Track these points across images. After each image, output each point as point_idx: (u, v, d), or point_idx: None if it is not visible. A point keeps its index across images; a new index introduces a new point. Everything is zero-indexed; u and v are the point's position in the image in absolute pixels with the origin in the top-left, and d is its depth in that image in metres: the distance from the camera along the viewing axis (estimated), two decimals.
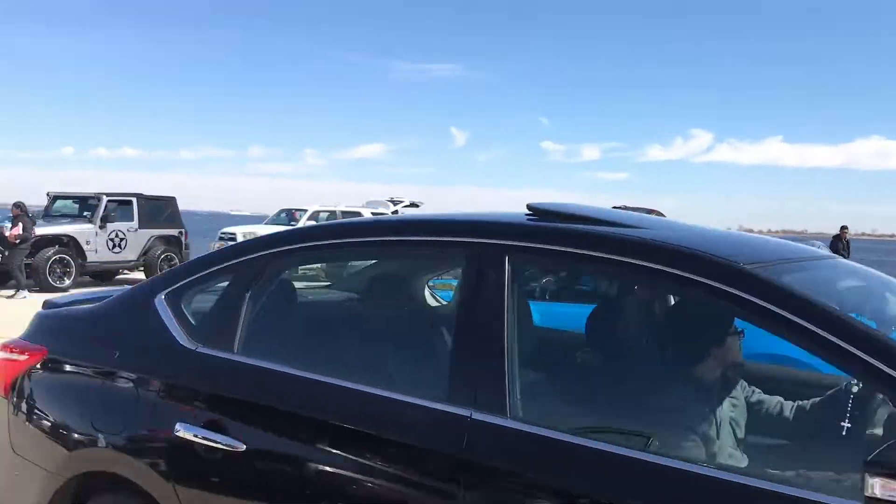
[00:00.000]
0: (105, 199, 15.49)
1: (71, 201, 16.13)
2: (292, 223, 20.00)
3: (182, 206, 17.57)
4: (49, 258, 14.15)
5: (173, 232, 16.79)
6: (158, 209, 16.61)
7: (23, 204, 13.96)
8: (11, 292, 13.47)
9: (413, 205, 24.08)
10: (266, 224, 20.29)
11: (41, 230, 14.23)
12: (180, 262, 16.81)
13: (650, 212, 18.90)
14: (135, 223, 15.89)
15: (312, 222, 20.38)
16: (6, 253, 13.54)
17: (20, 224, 13.43)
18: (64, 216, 15.71)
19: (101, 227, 15.26)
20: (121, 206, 15.89)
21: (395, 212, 23.12)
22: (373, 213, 21.78)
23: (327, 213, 21.83)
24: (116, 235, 15.54)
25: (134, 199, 16.07)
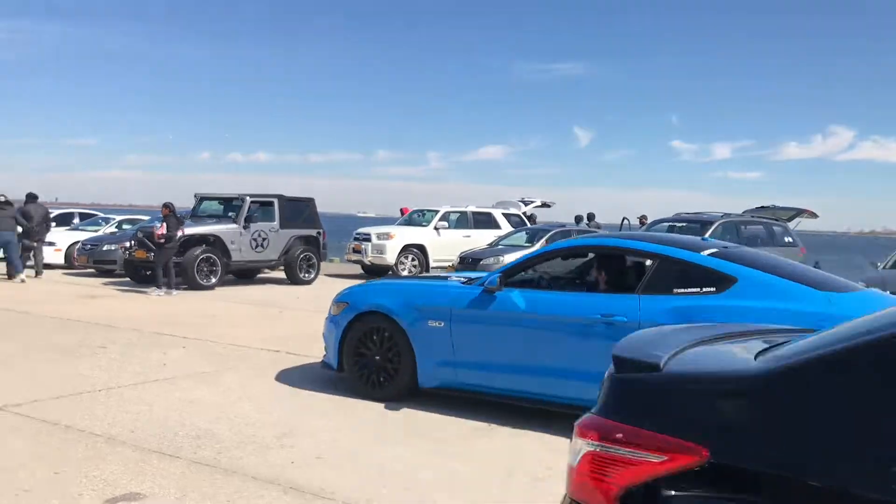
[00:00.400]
0: (248, 200, 16.00)
1: (216, 202, 16.79)
2: (423, 224, 20.07)
3: None
4: (197, 257, 14.74)
5: (312, 232, 17.17)
6: (298, 210, 17.03)
7: (171, 205, 14.60)
8: (163, 290, 14.11)
9: (545, 205, 23.67)
10: (398, 225, 20.44)
11: (190, 230, 14.85)
12: (318, 262, 17.26)
13: (802, 212, 17.77)
14: (276, 223, 16.34)
15: (444, 223, 20.38)
16: (155, 252, 14.23)
17: (164, 224, 14.07)
18: (210, 216, 16.35)
19: (244, 228, 15.77)
20: (263, 207, 16.38)
21: (526, 212, 22.80)
22: (503, 214, 21.58)
23: (458, 214, 21.79)
24: (259, 235, 16.04)
25: (275, 201, 16.54)
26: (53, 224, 20.39)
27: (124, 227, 20.26)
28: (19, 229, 15.64)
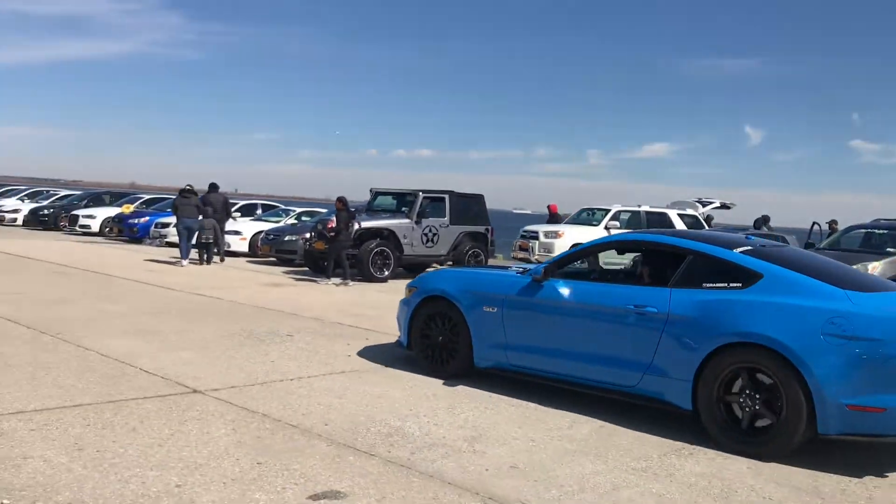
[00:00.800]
0: (421, 195, 16.16)
1: (390, 197, 17.09)
2: (593, 223, 19.54)
3: None
4: (372, 250, 15.05)
5: (480, 229, 17.13)
6: (467, 206, 17.03)
7: (345, 199, 15.00)
8: (338, 280, 14.52)
9: (724, 206, 22.42)
10: (566, 224, 20.02)
11: (366, 224, 15.19)
12: (486, 259, 17.19)
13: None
14: (446, 219, 16.42)
15: (615, 223, 19.73)
16: (327, 243, 14.66)
17: (334, 218, 14.46)
18: (384, 211, 16.67)
19: (416, 223, 15.95)
20: (434, 202, 16.49)
21: (703, 214, 21.68)
22: (678, 214, 20.63)
23: (629, 214, 21.08)
24: (430, 230, 16.16)
25: (446, 197, 16.61)
26: (237, 214, 21.68)
27: (303, 218, 21.12)
28: (200, 217, 16.73)
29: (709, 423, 5.31)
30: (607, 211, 20.57)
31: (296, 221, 20.64)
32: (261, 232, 19.57)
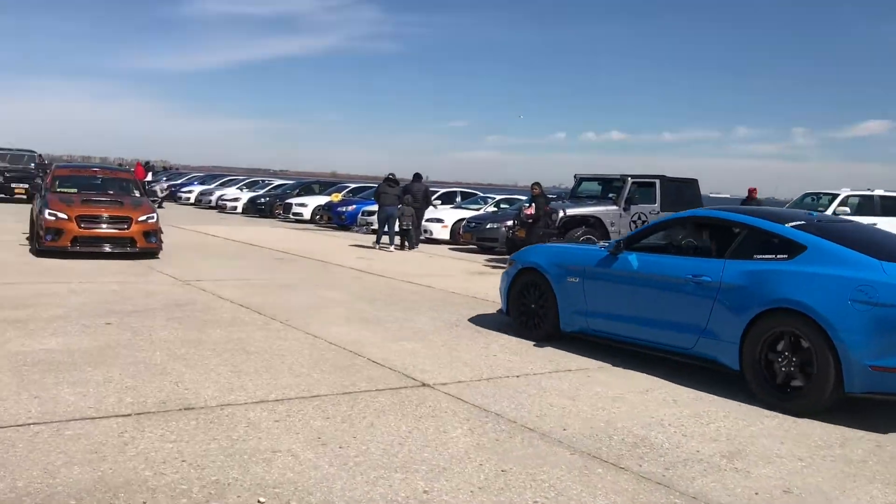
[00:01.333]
0: (630, 181, 15.43)
1: (596, 183, 16.49)
2: (818, 208, 17.84)
3: None
4: (577, 238, 14.56)
5: None
6: (680, 192, 16.05)
7: (540, 185, 14.62)
8: None
9: None
10: (789, 208, 18.42)
11: (571, 211, 14.72)
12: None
13: None
14: (657, 205, 15.55)
15: (844, 208, 17.94)
16: (525, 230, 14.32)
17: (534, 205, 14.07)
18: (589, 198, 16.11)
19: (625, 210, 15.25)
20: (643, 188, 15.69)
21: None
22: None
23: (859, 198, 19.12)
24: (639, 218, 15.39)
25: (657, 182, 15.75)
26: (438, 202, 21.96)
27: (502, 206, 21.00)
28: (400, 206, 17.19)
29: (752, 381, 5.82)
30: (834, 196, 18.77)
31: (496, 209, 20.55)
32: (462, 220, 19.65)
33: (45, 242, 12.15)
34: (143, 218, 12.78)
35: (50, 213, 12.26)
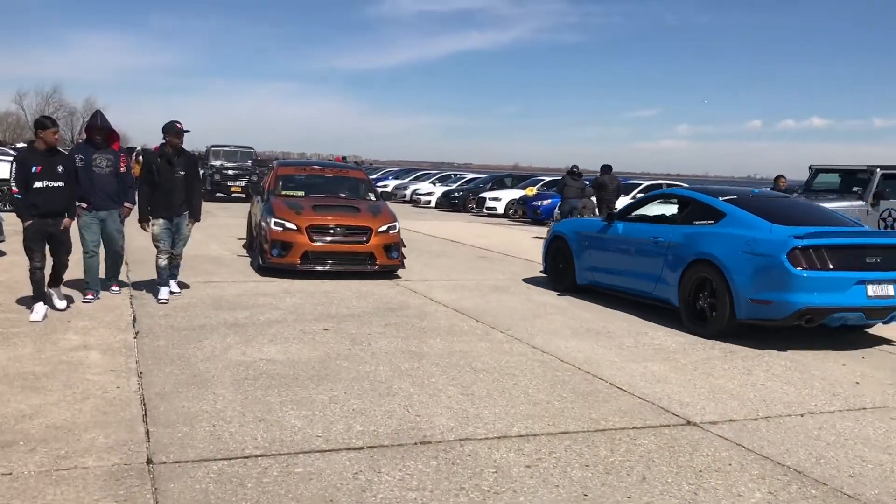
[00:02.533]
0: (879, 172, 13.42)
1: (836, 175, 14.56)
2: None
3: None
4: None
5: None
6: None
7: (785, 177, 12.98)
8: None
9: None
10: None
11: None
12: None
13: None
14: None
15: None
16: None
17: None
18: (827, 192, 14.22)
19: (872, 205, 13.29)
20: (893, 180, 13.62)
21: None
22: None
23: None
24: (890, 215, 13.36)
25: None
26: (641, 196, 20.60)
27: None
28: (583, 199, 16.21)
29: (683, 314, 7.73)
30: None
31: None
32: None
33: (271, 258, 9.92)
34: (384, 228, 10.29)
35: (276, 222, 9.95)
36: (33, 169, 6.77)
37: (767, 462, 4.20)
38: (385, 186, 36.20)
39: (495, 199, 26.54)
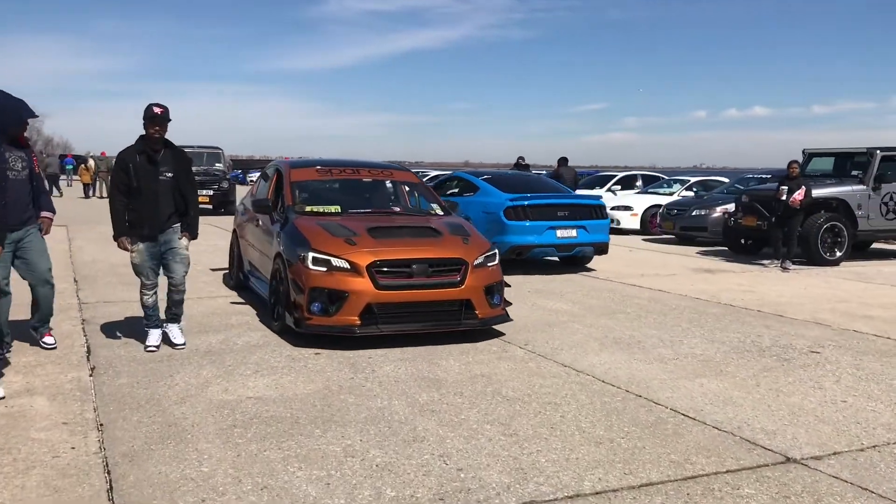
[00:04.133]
0: (879, 154, 12.79)
1: (831, 159, 13.93)
2: None
3: None
4: (821, 226, 12.16)
5: None
6: None
7: (799, 163, 12.25)
8: (767, 262, 12.01)
9: None
10: None
11: (816, 192, 12.29)
12: None
13: None
14: None
15: None
16: (772, 219, 12.01)
17: (803, 189, 11.65)
18: (824, 176, 13.57)
19: (874, 189, 12.66)
20: (893, 162, 13.02)
21: None
22: None
23: None
24: (891, 199, 12.77)
25: None
26: (617, 187, 19.92)
27: (693, 189, 18.63)
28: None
29: None
30: None
31: (693, 193, 18.17)
32: (655, 206, 17.50)
33: (310, 318, 6.22)
34: (480, 260, 6.63)
35: (317, 258, 6.26)
36: None
37: None
38: None
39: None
